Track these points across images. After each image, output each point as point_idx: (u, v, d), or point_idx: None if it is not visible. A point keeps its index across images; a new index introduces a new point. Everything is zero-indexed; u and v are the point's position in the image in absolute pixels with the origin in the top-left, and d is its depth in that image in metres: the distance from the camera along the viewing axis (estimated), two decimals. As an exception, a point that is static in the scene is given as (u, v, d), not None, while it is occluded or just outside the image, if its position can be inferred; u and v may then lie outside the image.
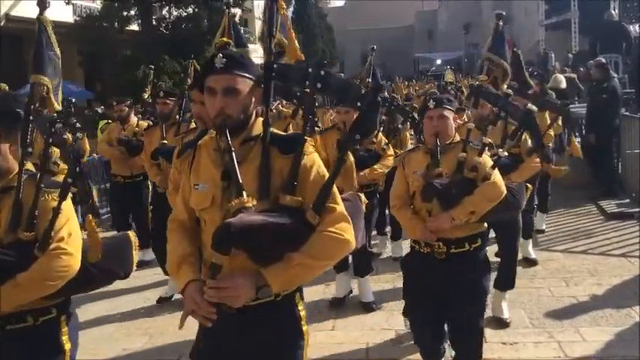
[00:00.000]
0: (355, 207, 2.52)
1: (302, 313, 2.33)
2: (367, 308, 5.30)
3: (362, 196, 2.64)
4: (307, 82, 2.35)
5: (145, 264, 6.64)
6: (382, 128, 5.96)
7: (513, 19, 36.64)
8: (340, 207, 2.23)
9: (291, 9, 41.23)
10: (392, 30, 53.17)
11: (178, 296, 5.46)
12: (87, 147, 7.57)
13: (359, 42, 51.94)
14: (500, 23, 4.69)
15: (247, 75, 2.25)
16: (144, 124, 6.96)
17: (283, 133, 2.43)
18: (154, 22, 19.94)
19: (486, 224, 3.68)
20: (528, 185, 4.02)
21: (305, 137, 2.28)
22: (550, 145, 6.33)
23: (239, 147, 2.25)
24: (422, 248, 3.56)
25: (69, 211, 2.50)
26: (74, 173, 2.49)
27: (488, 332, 4.64)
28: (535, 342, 4.52)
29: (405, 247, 5.15)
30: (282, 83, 2.46)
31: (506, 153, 3.94)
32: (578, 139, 10.68)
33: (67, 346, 2.54)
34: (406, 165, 3.73)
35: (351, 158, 2.45)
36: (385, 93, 7.33)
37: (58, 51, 3.12)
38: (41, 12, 2.96)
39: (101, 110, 9.28)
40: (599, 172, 9.19)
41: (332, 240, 2.17)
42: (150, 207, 6.51)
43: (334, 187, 2.23)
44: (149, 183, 6.73)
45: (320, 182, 2.22)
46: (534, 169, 4.98)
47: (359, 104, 2.31)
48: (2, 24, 16.19)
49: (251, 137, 2.30)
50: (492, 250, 5.00)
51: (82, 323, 5.28)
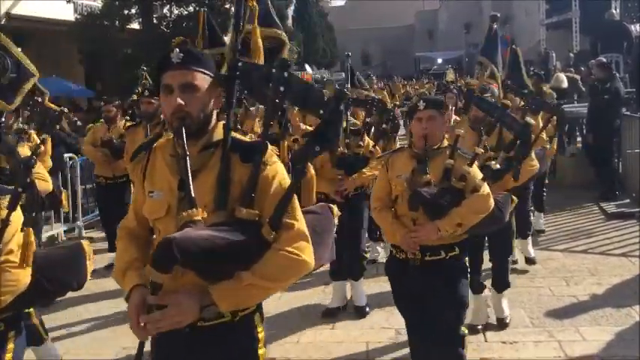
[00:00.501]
0: (325, 220, 2.35)
1: (261, 335, 2.16)
2: (360, 312, 5.20)
3: (334, 208, 2.45)
4: (270, 85, 2.17)
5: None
6: (369, 130, 5.78)
7: (514, 19, 36.64)
8: (299, 224, 2.06)
9: (292, 8, 41.26)
10: (392, 29, 53.21)
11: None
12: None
13: (360, 41, 51.97)
14: (494, 26, 4.56)
15: (206, 71, 2.10)
16: (127, 124, 6.80)
17: (246, 139, 2.27)
18: (155, 21, 19.89)
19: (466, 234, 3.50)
20: (513, 198, 3.88)
21: (266, 145, 2.10)
22: (546, 147, 6.21)
23: (198, 153, 2.10)
24: (398, 253, 3.49)
25: (18, 222, 2.40)
26: (24, 183, 2.40)
27: (488, 332, 4.65)
28: (535, 341, 4.52)
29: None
30: (246, 83, 2.30)
31: (498, 165, 3.85)
32: (578, 139, 10.74)
33: None
34: (390, 167, 3.59)
35: (312, 171, 2.25)
36: (371, 94, 7.04)
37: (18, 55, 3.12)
38: None
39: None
40: (599, 172, 9.18)
41: (287, 260, 2.00)
42: None
43: (295, 202, 2.07)
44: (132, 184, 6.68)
45: (281, 192, 2.05)
46: (530, 173, 4.63)
47: (321, 112, 2.09)
48: (3, 22, 16.19)
49: (212, 143, 2.12)
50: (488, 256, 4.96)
51: (83, 323, 5.30)
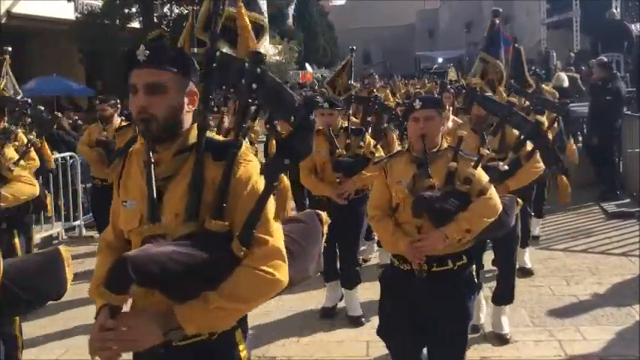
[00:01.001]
0: (311, 229, 2.18)
1: (243, 354, 2.00)
2: (355, 322, 4.96)
3: (323, 216, 2.27)
4: (243, 80, 1.98)
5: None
6: (369, 129, 5.62)
7: (514, 18, 36.61)
8: (274, 240, 1.89)
9: (292, 7, 41.25)
10: (393, 28, 53.16)
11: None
12: (48, 153, 7.07)
13: (360, 40, 51.87)
14: (496, 21, 4.40)
15: (177, 70, 1.93)
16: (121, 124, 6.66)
17: (222, 138, 2.10)
18: (156, 20, 19.90)
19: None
20: (518, 200, 3.70)
21: (240, 142, 1.92)
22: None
23: (172, 158, 1.95)
24: (402, 265, 3.22)
25: None
26: None
27: (488, 331, 4.64)
28: (536, 340, 4.52)
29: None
30: (223, 77, 2.16)
31: (506, 167, 3.62)
32: (579, 139, 10.72)
33: None
34: (389, 173, 3.34)
35: (285, 182, 2.02)
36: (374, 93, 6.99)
37: None
38: None
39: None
40: (600, 172, 9.18)
41: (259, 280, 1.83)
42: None
43: (269, 214, 1.90)
44: None
45: (254, 200, 1.85)
46: (534, 175, 4.45)
47: (292, 118, 1.92)
48: (4, 21, 16.19)
49: (186, 147, 1.96)
50: (488, 258, 4.91)
51: (83, 323, 5.29)
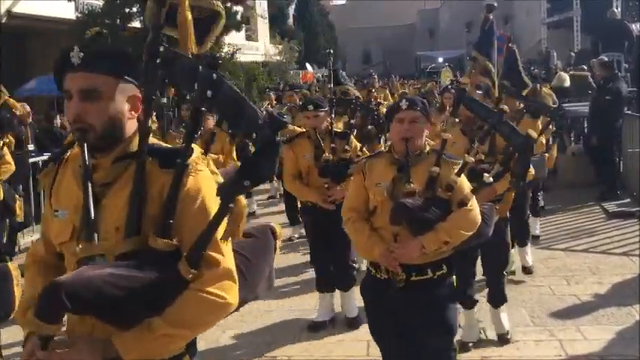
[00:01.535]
0: (262, 244, 2.07)
1: None
2: (352, 324, 4.84)
3: (277, 229, 2.14)
4: (196, 85, 1.75)
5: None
6: (355, 132, 5.46)
7: (515, 18, 36.62)
8: (225, 260, 1.76)
9: (292, 6, 41.26)
10: (393, 28, 53.16)
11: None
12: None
13: (361, 40, 51.94)
14: (490, 16, 4.07)
15: (118, 75, 1.77)
16: None
17: (168, 145, 1.92)
18: (156, 20, 19.95)
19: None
20: (496, 207, 3.50)
21: (191, 149, 1.77)
22: (546, 154, 5.95)
23: (112, 164, 1.79)
24: (379, 273, 3.09)
25: None
26: None
27: (489, 331, 4.63)
28: (536, 340, 4.52)
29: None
30: (169, 76, 1.94)
31: (492, 179, 3.30)
32: (579, 138, 10.72)
33: None
34: (367, 174, 3.19)
35: (243, 202, 1.89)
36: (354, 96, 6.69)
37: None
38: None
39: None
40: (600, 171, 9.18)
41: (208, 304, 1.70)
42: None
43: (222, 232, 1.76)
44: None
45: (205, 217, 1.71)
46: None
47: (254, 135, 1.72)
48: (4, 20, 16.19)
49: (128, 153, 1.80)
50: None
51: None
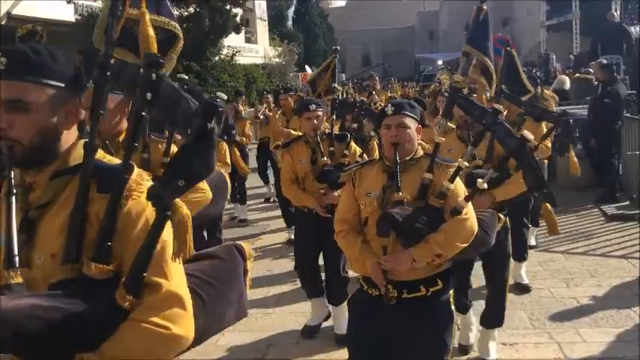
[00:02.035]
0: (229, 267, 1.85)
1: None
2: (341, 341, 4.48)
3: (246, 249, 1.92)
4: (137, 90, 1.64)
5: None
6: (353, 137, 5.16)
7: (514, 20, 36.66)
8: (170, 283, 1.53)
9: (292, 9, 41.32)
10: (393, 30, 53.27)
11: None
12: None
13: (360, 42, 52.05)
14: (484, 6, 3.72)
15: (47, 81, 1.57)
16: None
17: (112, 163, 1.65)
18: (156, 22, 19.95)
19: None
20: (500, 216, 3.24)
21: (131, 167, 1.58)
22: (545, 161, 5.87)
23: (49, 181, 1.60)
24: (370, 289, 2.90)
25: None
26: None
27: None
28: (535, 343, 4.52)
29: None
30: (116, 87, 1.82)
31: (485, 185, 3.07)
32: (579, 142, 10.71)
33: None
34: (357, 182, 3.01)
35: (184, 210, 1.56)
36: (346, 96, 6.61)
37: None
38: None
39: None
40: (600, 174, 9.19)
41: (150, 336, 1.47)
42: None
43: (167, 252, 1.54)
44: None
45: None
46: (524, 186, 3.93)
47: (188, 132, 1.54)
48: (3, 22, 16.20)
49: (66, 169, 1.61)
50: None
51: None
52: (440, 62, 44.16)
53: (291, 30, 40.32)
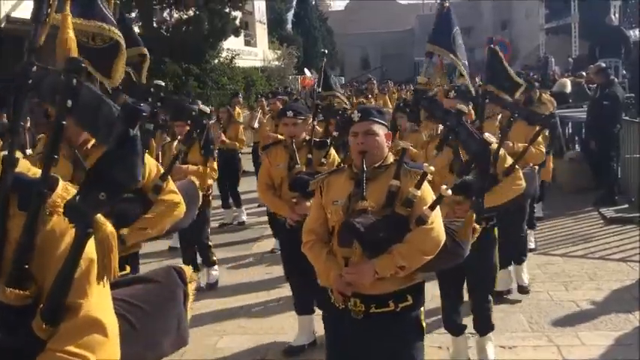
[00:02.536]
0: (165, 291, 1.77)
1: None
2: None
3: (187, 272, 1.85)
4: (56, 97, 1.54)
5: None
6: (333, 143, 4.89)
7: (513, 23, 36.72)
8: (89, 306, 1.40)
9: (291, 12, 41.34)
10: (392, 34, 53.27)
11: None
12: None
13: (359, 46, 52.04)
14: (446, 4, 3.58)
15: None
16: None
17: (34, 175, 1.50)
18: (155, 25, 19.95)
19: (420, 276, 2.84)
20: (476, 227, 3.06)
21: (54, 181, 1.44)
22: (536, 167, 5.78)
23: None
24: (337, 302, 2.78)
25: None
26: None
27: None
28: (534, 346, 4.52)
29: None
30: (39, 95, 1.75)
31: (449, 192, 2.79)
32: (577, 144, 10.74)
33: None
34: (325, 191, 2.91)
35: (107, 228, 1.44)
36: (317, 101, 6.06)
37: None
38: None
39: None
40: (598, 177, 9.20)
41: None
42: None
43: (90, 274, 1.42)
44: None
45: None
46: (514, 193, 3.82)
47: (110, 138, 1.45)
48: (3, 25, 16.20)
49: None
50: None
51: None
52: (439, 65, 44.24)
53: (290, 33, 40.32)
